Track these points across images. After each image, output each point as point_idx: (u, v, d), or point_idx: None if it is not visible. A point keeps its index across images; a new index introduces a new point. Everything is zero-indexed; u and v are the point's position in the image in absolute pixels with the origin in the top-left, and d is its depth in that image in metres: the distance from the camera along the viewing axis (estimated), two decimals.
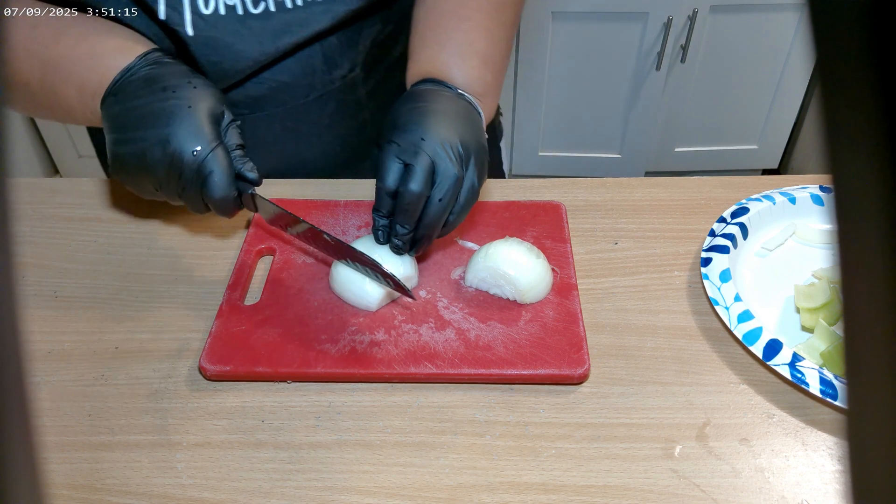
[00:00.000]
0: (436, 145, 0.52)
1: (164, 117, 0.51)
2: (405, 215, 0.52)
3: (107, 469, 0.46)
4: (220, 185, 0.51)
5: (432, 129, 0.52)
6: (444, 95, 0.57)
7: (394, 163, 0.52)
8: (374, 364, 0.51)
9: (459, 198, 0.53)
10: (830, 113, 0.12)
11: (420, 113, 0.54)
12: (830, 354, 0.51)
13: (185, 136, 0.50)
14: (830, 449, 0.47)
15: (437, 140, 0.52)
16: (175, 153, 0.50)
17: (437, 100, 0.56)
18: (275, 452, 0.47)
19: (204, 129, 0.51)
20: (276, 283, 0.58)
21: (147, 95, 0.52)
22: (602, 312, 0.56)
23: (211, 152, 0.51)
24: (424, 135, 0.52)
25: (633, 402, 0.50)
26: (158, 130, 0.50)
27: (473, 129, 0.56)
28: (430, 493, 0.45)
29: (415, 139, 0.52)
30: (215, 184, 0.50)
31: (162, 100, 0.52)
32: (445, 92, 0.58)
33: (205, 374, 0.51)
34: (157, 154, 0.50)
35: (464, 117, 0.56)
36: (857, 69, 0.11)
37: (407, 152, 0.52)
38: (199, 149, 0.50)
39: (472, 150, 0.54)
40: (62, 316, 0.57)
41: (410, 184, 0.50)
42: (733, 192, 0.68)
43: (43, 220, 0.67)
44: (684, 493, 0.44)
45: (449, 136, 0.52)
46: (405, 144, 0.52)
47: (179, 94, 0.52)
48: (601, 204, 0.68)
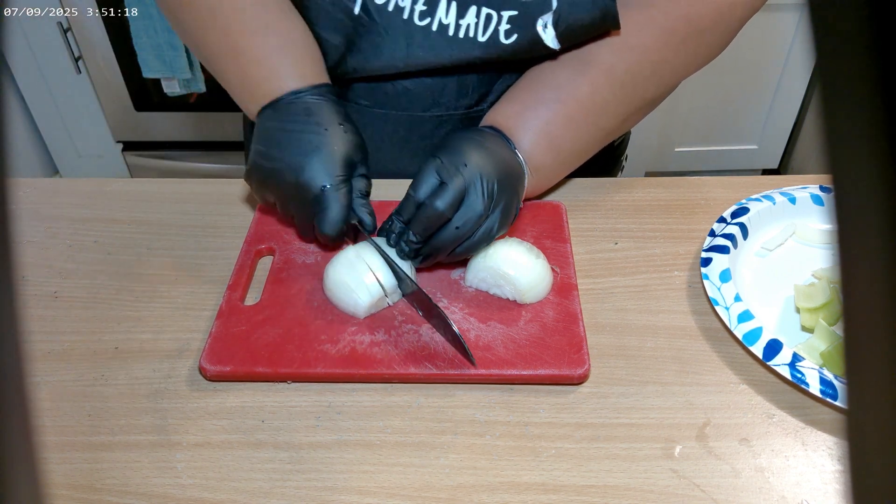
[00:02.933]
0: (475, 176, 0.53)
1: (309, 149, 0.56)
2: (421, 227, 0.53)
3: (106, 469, 0.46)
4: (333, 221, 0.56)
5: (477, 161, 0.54)
6: (501, 143, 0.59)
7: (431, 176, 0.54)
8: (374, 364, 0.51)
9: (475, 234, 0.54)
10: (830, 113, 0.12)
11: (473, 144, 0.56)
12: (830, 354, 0.51)
13: (319, 171, 0.56)
14: (830, 449, 0.47)
15: (478, 172, 0.54)
16: (305, 182, 0.56)
17: (492, 143, 0.58)
18: (275, 452, 0.47)
19: (337, 169, 0.56)
20: (276, 283, 0.58)
21: (302, 124, 0.58)
22: (602, 312, 0.56)
23: (335, 191, 0.56)
24: (468, 162, 0.54)
25: (633, 402, 0.50)
26: (299, 158, 0.56)
27: (513, 182, 0.57)
28: (430, 493, 0.45)
29: (458, 162, 0.54)
30: (329, 219, 0.56)
31: (312, 132, 0.57)
32: (503, 143, 0.59)
33: (205, 374, 0.51)
34: (290, 178, 0.56)
35: (509, 168, 0.57)
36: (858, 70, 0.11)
37: (447, 171, 0.53)
38: (327, 185, 0.56)
39: (504, 198, 0.55)
40: (62, 316, 0.57)
41: (438, 200, 0.52)
42: (733, 192, 0.68)
43: (43, 220, 0.67)
44: (684, 493, 0.44)
45: (489, 174, 0.54)
46: (447, 163, 0.54)
47: (329, 133, 0.57)
48: (601, 204, 0.68)
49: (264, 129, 0.59)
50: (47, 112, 1.88)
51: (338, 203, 0.56)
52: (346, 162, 0.57)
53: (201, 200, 0.69)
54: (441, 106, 0.67)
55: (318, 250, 0.61)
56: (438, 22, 0.60)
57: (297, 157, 0.56)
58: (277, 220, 0.64)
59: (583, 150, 0.64)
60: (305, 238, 0.61)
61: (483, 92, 0.67)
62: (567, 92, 0.60)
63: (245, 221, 0.65)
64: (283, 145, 0.57)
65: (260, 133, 0.59)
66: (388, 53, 0.62)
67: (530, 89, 0.62)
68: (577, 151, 0.63)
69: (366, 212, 0.58)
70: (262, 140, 0.59)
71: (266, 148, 0.58)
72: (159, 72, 1.65)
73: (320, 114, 0.58)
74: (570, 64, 0.61)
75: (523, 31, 0.60)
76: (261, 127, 0.59)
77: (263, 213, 0.65)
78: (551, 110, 0.60)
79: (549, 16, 0.59)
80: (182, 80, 1.68)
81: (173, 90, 1.70)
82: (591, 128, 0.62)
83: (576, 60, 0.61)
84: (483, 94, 0.67)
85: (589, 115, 0.61)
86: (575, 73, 0.61)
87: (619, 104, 0.61)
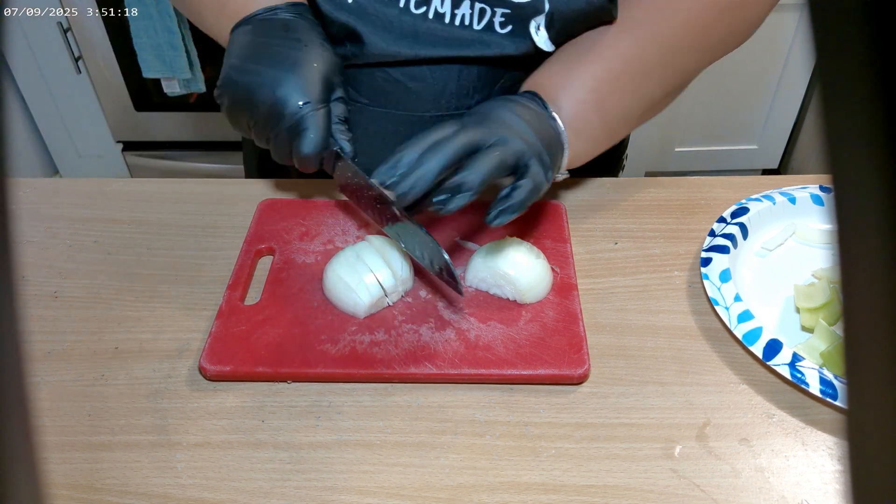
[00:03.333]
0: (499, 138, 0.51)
1: (287, 62, 0.53)
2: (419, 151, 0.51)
3: (106, 469, 0.46)
4: (313, 142, 0.53)
5: (507, 125, 0.52)
6: (533, 112, 0.55)
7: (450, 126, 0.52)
8: (374, 364, 0.51)
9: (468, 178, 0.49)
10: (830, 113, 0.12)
11: (504, 108, 0.54)
12: (830, 354, 0.51)
13: (298, 86, 0.53)
14: (830, 449, 0.47)
15: (504, 135, 0.51)
16: (282, 98, 0.53)
17: (523, 110, 0.54)
18: (275, 452, 0.47)
19: (317, 87, 0.54)
20: (276, 283, 0.58)
21: (279, 38, 0.55)
22: (602, 312, 0.56)
23: (315, 110, 0.53)
24: (497, 124, 0.52)
25: (633, 402, 0.50)
26: (276, 71, 0.53)
27: (542, 152, 0.53)
28: (430, 493, 0.45)
29: (483, 121, 0.52)
30: (309, 140, 0.53)
31: (290, 47, 0.54)
32: (537, 111, 0.55)
33: (205, 374, 0.51)
34: (265, 93, 0.53)
35: (541, 135, 0.54)
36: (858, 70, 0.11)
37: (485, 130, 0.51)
38: (306, 102, 0.53)
39: (531, 169, 0.51)
40: (62, 316, 0.57)
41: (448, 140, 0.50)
42: (733, 192, 0.68)
43: (43, 220, 0.67)
44: (684, 493, 0.44)
45: (514, 140, 0.51)
46: (470, 122, 0.52)
47: (308, 49, 0.55)
48: (601, 204, 0.68)
49: (239, 43, 0.56)
50: (47, 112, 1.88)
51: (317, 123, 0.53)
52: (326, 81, 0.55)
53: (201, 200, 0.69)
54: (442, 106, 0.66)
55: (318, 250, 0.61)
56: (434, 10, 0.60)
57: (275, 71, 0.53)
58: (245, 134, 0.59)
59: (628, 115, 0.60)
60: (282, 161, 0.57)
61: (485, 93, 0.66)
62: (613, 51, 0.58)
63: (245, 221, 0.65)
64: (260, 58, 0.54)
65: (234, 47, 0.56)
66: (385, 40, 0.62)
67: (572, 51, 0.60)
68: (622, 115, 0.60)
69: (345, 138, 0.56)
70: (236, 54, 0.55)
71: (240, 62, 0.55)
72: (159, 72, 1.65)
73: (299, 30, 0.56)
74: (614, 26, 0.60)
75: (518, 26, 0.60)
76: (235, 42, 0.57)
77: (263, 213, 0.65)
78: (597, 66, 0.57)
79: (541, 18, 0.59)
80: (182, 80, 1.68)
81: (173, 90, 1.70)
82: (637, 92, 0.59)
83: (619, 22, 0.60)
84: (485, 95, 0.67)
85: (635, 77, 0.58)
86: (620, 32, 0.59)
87: (665, 69, 0.59)
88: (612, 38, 0.59)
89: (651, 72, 0.59)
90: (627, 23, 0.59)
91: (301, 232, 0.63)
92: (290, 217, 0.64)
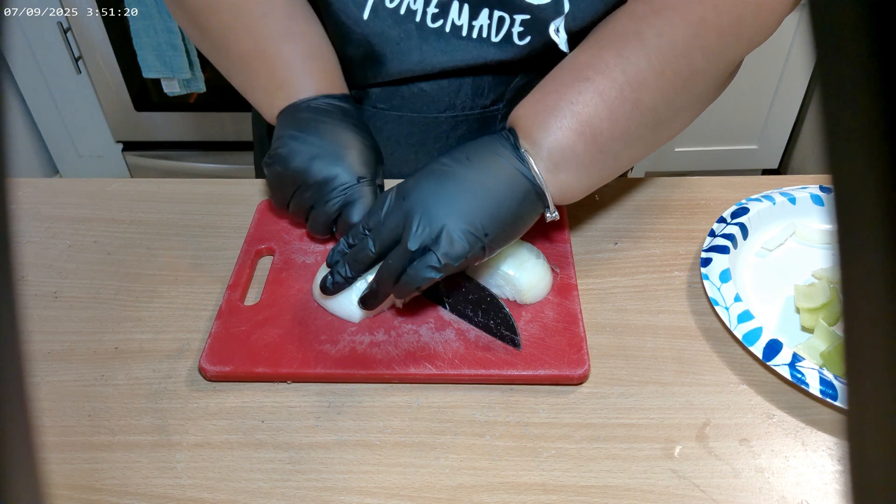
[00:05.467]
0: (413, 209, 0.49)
1: (349, 142, 0.57)
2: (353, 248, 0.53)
3: (106, 469, 0.46)
4: (361, 213, 0.56)
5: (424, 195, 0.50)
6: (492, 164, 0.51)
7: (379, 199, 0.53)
8: (373, 364, 0.51)
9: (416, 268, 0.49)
10: (830, 113, 0.12)
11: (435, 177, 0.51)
12: (830, 354, 0.51)
13: (360, 162, 0.57)
14: (830, 449, 0.47)
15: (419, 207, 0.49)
16: (343, 170, 0.56)
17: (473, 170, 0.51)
18: (275, 452, 0.47)
19: (372, 167, 0.58)
20: (276, 284, 0.58)
21: (339, 119, 0.58)
22: (602, 312, 0.56)
23: (368, 185, 0.57)
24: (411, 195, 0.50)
25: (633, 402, 0.50)
26: (338, 147, 0.57)
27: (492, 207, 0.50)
28: (430, 494, 0.45)
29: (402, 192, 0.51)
30: (359, 210, 0.56)
31: (350, 129, 0.58)
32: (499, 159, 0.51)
33: (205, 374, 0.51)
34: (322, 164, 0.56)
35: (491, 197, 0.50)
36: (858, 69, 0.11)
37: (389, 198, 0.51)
38: (362, 177, 0.57)
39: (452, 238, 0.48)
40: (62, 316, 0.57)
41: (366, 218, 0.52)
42: (733, 192, 0.68)
43: (43, 220, 0.67)
44: (684, 494, 0.44)
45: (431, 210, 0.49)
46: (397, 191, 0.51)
47: (365, 134, 0.59)
48: (601, 204, 0.68)
49: (296, 119, 0.58)
50: (47, 112, 1.88)
51: (371, 194, 0.57)
52: (375, 162, 0.59)
53: (201, 200, 0.69)
54: (457, 107, 0.66)
55: (318, 250, 0.61)
56: (451, 23, 0.60)
57: (336, 146, 0.57)
58: (283, 216, 0.63)
59: (627, 133, 0.52)
60: (316, 231, 0.59)
61: (500, 92, 0.66)
62: (594, 68, 0.52)
63: (245, 221, 0.65)
64: (320, 132, 0.57)
65: (290, 122, 0.58)
66: (403, 57, 0.62)
67: (554, 75, 0.54)
68: (618, 135, 0.52)
69: None
70: (293, 125, 0.58)
71: (301, 133, 0.57)
72: (159, 72, 1.65)
73: (355, 116, 0.60)
74: (592, 41, 0.55)
75: (537, 34, 0.60)
76: (291, 117, 0.58)
77: (263, 213, 0.65)
78: (579, 90, 0.51)
79: (560, 20, 0.58)
80: (182, 80, 1.68)
81: (173, 90, 1.70)
82: (631, 105, 0.51)
83: (596, 36, 0.55)
84: (500, 94, 0.66)
85: (624, 90, 0.51)
86: (599, 49, 0.53)
87: (659, 77, 0.52)
88: (590, 56, 0.53)
89: (644, 81, 0.52)
90: (608, 37, 0.54)
91: (301, 232, 0.63)
92: None
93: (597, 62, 0.52)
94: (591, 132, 0.51)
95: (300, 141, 0.57)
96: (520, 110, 0.54)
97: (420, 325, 0.54)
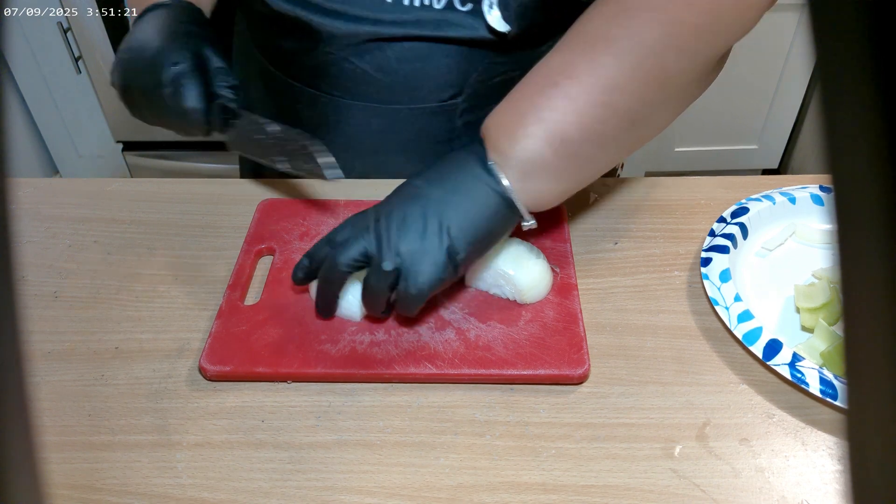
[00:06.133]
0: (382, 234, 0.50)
1: (159, 35, 0.59)
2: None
3: (107, 469, 0.46)
4: (193, 96, 0.57)
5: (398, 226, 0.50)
6: (456, 184, 0.51)
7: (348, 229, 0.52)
8: (374, 364, 0.51)
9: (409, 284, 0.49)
10: (830, 113, 0.12)
11: (406, 197, 0.51)
12: (830, 354, 0.51)
13: (167, 50, 0.58)
14: (830, 449, 0.47)
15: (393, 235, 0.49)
16: (157, 60, 0.57)
17: (443, 188, 0.51)
18: (275, 452, 0.47)
19: (186, 52, 0.58)
20: (276, 283, 0.58)
21: (167, 18, 0.60)
22: (602, 312, 0.56)
23: (190, 70, 0.58)
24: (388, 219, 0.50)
25: (633, 402, 0.50)
26: (146, 43, 0.59)
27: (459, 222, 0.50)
28: (430, 493, 0.45)
29: (370, 220, 0.51)
30: (189, 94, 0.57)
31: (176, 25, 0.60)
32: (464, 178, 0.51)
33: (205, 374, 0.51)
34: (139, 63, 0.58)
35: (464, 212, 0.50)
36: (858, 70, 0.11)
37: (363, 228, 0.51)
38: (175, 63, 0.57)
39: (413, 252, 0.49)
40: (62, 316, 0.57)
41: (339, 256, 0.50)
42: (733, 192, 0.68)
43: (43, 220, 0.67)
44: (684, 493, 0.44)
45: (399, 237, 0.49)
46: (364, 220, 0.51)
47: (190, 24, 0.60)
48: (601, 204, 0.68)
49: (130, 31, 0.61)
50: (47, 112, 1.88)
51: (193, 80, 0.57)
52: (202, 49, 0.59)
53: (201, 200, 0.69)
54: (416, 98, 0.66)
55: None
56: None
57: (144, 44, 0.58)
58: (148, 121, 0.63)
59: (600, 137, 0.51)
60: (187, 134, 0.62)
61: (458, 84, 0.66)
62: (563, 73, 0.51)
63: (245, 221, 0.65)
64: (137, 38, 0.59)
65: (126, 36, 0.61)
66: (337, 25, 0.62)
67: (525, 80, 0.53)
68: (590, 140, 0.51)
69: (227, 92, 0.59)
70: (124, 41, 0.61)
71: (124, 46, 0.60)
72: None
73: (191, 12, 0.62)
74: (564, 45, 0.54)
75: (478, 4, 0.60)
76: (133, 25, 0.62)
77: (263, 213, 0.65)
78: (547, 96, 0.51)
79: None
80: None
81: None
82: (602, 109, 0.50)
83: (568, 39, 0.54)
84: (458, 85, 0.66)
85: (594, 95, 0.50)
86: (569, 53, 0.52)
87: (631, 79, 0.50)
88: (559, 60, 0.52)
89: (615, 82, 0.50)
90: (576, 40, 0.53)
91: (301, 232, 0.63)
92: (290, 217, 0.64)
93: (566, 67, 0.51)
94: (561, 139, 0.50)
95: (122, 53, 0.60)
96: (490, 120, 0.53)
97: (420, 325, 0.54)
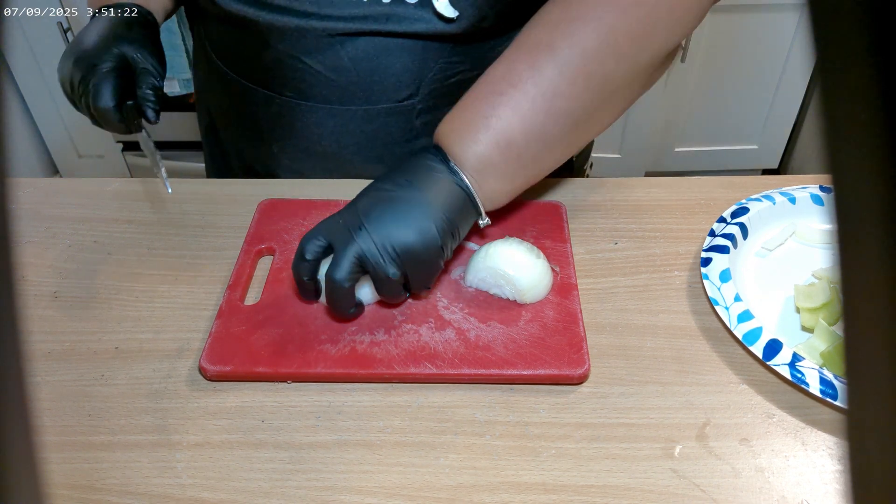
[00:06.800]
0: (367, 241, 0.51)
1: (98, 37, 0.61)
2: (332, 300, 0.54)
3: (107, 469, 0.46)
4: (104, 97, 0.58)
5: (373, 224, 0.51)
6: (426, 184, 0.53)
7: (318, 239, 0.53)
8: (374, 364, 0.51)
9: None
10: (830, 113, 0.12)
11: (377, 200, 0.53)
12: (830, 354, 0.51)
13: (98, 51, 0.60)
14: (830, 449, 0.47)
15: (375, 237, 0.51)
16: (85, 61, 0.60)
17: (414, 189, 0.53)
18: (275, 452, 0.47)
19: (102, 54, 0.60)
20: (276, 283, 0.58)
21: (106, 24, 0.63)
22: (602, 312, 0.56)
23: (108, 70, 0.59)
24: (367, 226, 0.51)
25: (633, 402, 0.50)
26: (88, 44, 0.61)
27: (409, 228, 0.51)
28: (430, 493, 0.45)
29: (356, 225, 0.51)
30: (102, 95, 0.58)
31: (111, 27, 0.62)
32: (433, 177, 0.54)
33: (205, 374, 0.51)
34: (77, 56, 0.60)
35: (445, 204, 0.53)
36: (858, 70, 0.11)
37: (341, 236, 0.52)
38: (92, 65, 0.59)
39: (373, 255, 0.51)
40: (62, 316, 0.57)
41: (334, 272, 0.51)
42: (733, 192, 0.68)
43: (43, 220, 0.67)
44: (684, 493, 0.44)
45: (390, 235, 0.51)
46: (345, 226, 0.52)
47: (122, 30, 0.62)
48: (601, 204, 0.68)
49: (84, 27, 0.63)
50: (47, 112, 1.88)
51: (107, 78, 0.59)
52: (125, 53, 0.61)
53: (201, 200, 0.69)
54: (371, 99, 0.66)
55: None
56: None
57: (86, 39, 0.61)
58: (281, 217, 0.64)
59: (543, 139, 0.55)
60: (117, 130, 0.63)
61: (414, 84, 0.66)
62: (507, 81, 0.54)
63: (245, 221, 0.65)
64: (84, 32, 0.62)
65: None
66: (284, 20, 0.62)
67: (473, 89, 0.57)
68: (534, 142, 0.54)
69: (150, 93, 0.61)
70: (76, 36, 0.63)
71: (71, 42, 0.63)
72: None
73: (131, 17, 0.64)
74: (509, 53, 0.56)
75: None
76: None
77: (263, 213, 0.65)
78: (493, 104, 0.54)
79: None
80: (182, 80, 1.68)
81: (173, 90, 1.70)
82: (545, 114, 0.54)
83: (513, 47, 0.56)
84: (414, 85, 0.66)
85: (537, 102, 0.53)
86: (514, 62, 0.55)
87: (572, 84, 0.53)
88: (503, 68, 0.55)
89: (556, 87, 0.53)
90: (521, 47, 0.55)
91: (301, 232, 0.63)
92: (290, 217, 0.64)
93: (510, 75, 0.55)
94: (507, 142, 0.54)
95: (70, 44, 0.62)
96: (441, 127, 0.57)
97: (420, 325, 0.54)
